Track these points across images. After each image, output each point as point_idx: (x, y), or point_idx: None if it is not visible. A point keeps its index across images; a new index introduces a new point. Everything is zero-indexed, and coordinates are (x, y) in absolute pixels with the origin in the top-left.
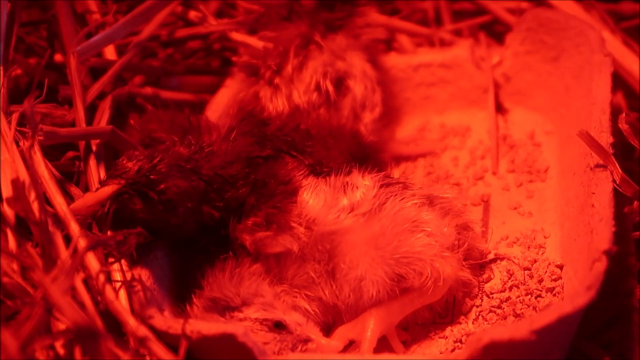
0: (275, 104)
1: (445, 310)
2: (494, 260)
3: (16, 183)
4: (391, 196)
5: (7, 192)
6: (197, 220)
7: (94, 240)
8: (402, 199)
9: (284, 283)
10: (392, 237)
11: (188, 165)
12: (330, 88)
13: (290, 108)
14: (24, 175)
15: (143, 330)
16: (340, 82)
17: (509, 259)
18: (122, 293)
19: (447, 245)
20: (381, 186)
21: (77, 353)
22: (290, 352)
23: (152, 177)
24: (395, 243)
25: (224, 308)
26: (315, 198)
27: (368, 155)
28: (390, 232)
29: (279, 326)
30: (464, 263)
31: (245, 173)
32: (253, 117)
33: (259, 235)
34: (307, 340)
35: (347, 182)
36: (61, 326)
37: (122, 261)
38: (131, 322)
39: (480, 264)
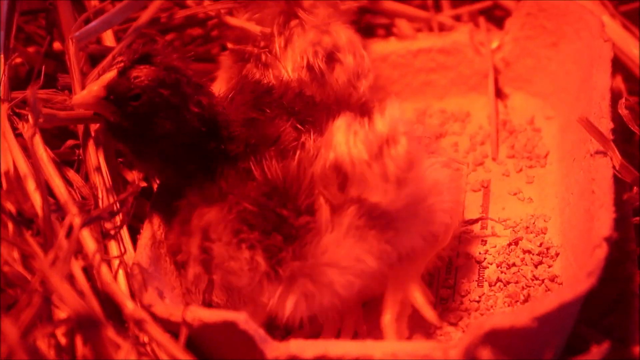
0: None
1: (447, 295)
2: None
3: (8, 176)
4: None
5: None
6: (181, 131)
7: (87, 216)
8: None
9: None
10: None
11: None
12: (323, 66)
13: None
14: (21, 163)
15: (142, 315)
16: (330, 57)
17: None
18: (121, 277)
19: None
20: None
21: (78, 341)
22: None
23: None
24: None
25: None
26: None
27: None
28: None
29: None
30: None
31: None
32: (255, 84)
33: None
34: None
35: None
36: (62, 314)
37: (121, 245)
38: (129, 305)
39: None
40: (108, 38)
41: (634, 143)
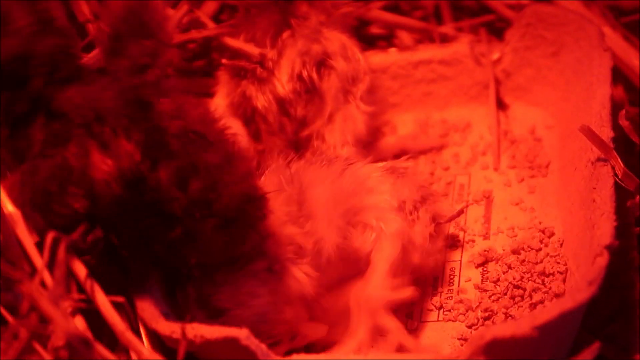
0: (262, 100)
1: (448, 307)
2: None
3: None
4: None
5: None
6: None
7: (68, 240)
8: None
9: None
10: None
11: None
12: (314, 76)
13: (276, 101)
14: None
15: (134, 341)
16: (322, 64)
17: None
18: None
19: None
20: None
21: None
22: None
23: None
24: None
25: None
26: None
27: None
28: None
29: None
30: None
31: None
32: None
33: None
34: None
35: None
36: (57, 341)
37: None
38: (121, 329)
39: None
40: None
41: (634, 154)
